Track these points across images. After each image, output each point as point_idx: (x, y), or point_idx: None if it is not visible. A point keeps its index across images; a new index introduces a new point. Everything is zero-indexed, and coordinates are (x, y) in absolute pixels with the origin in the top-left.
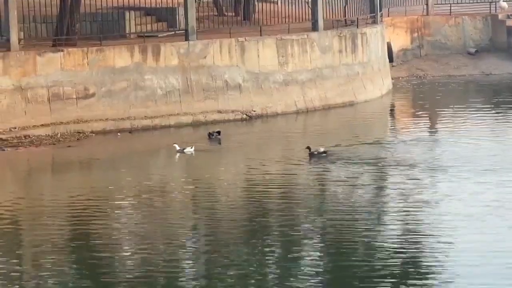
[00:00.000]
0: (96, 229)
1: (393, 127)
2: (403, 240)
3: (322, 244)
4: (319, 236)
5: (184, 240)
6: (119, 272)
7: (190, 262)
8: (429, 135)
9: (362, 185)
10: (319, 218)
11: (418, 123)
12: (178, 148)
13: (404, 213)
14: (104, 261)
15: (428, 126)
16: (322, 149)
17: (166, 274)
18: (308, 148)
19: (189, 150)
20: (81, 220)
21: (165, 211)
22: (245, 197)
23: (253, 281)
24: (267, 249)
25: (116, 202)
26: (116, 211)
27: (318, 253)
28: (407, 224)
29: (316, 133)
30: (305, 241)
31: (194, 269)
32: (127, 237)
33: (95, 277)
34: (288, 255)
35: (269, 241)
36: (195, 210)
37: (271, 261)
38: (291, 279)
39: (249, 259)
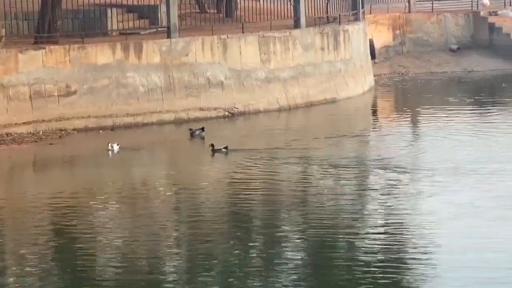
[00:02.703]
0: (76, 226)
1: (369, 124)
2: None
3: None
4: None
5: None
6: (99, 269)
7: (172, 257)
8: (408, 132)
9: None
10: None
11: (399, 120)
12: (111, 147)
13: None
14: (85, 258)
15: (408, 123)
16: (223, 146)
17: (147, 272)
18: (212, 145)
19: (115, 147)
20: (62, 217)
21: (147, 209)
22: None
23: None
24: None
25: (97, 199)
26: (97, 208)
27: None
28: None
29: (295, 130)
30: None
31: (175, 265)
32: (107, 235)
33: (75, 274)
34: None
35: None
36: (176, 207)
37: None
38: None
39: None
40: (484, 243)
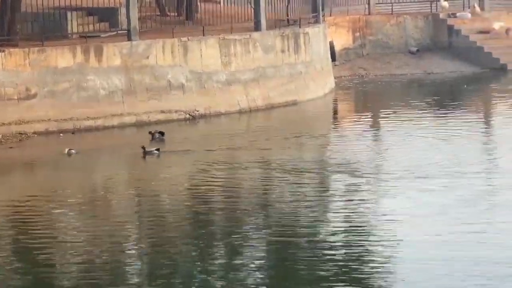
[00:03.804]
0: (36, 230)
1: (329, 126)
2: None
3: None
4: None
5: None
6: (60, 273)
7: (134, 260)
8: (368, 134)
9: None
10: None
11: (359, 122)
12: (67, 150)
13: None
14: (45, 262)
15: (369, 125)
16: (154, 149)
17: (109, 275)
18: (143, 147)
19: (72, 152)
20: (21, 221)
21: (107, 212)
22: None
23: None
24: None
25: (57, 203)
26: (57, 212)
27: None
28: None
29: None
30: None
31: (137, 270)
32: (67, 239)
33: (34, 278)
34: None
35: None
36: (138, 209)
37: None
38: None
39: None
40: (444, 242)
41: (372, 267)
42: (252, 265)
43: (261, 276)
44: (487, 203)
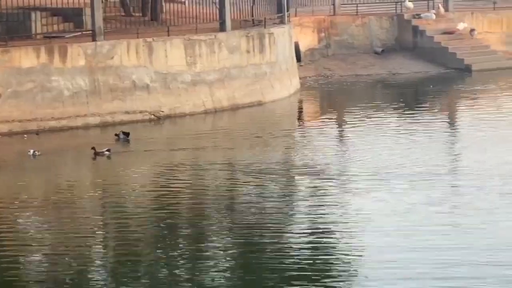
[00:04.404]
0: None
1: (294, 127)
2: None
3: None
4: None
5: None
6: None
7: (99, 265)
8: (333, 135)
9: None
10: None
11: (324, 123)
12: (32, 152)
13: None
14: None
15: (334, 126)
16: (105, 149)
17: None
18: (93, 148)
19: (34, 153)
20: None
21: (72, 215)
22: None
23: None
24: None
25: (20, 206)
26: (20, 215)
27: None
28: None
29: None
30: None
31: (102, 274)
32: (31, 243)
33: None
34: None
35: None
36: (103, 212)
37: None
38: None
39: None
40: (408, 243)
41: (337, 269)
42: (216, 269)
43: (226, 279)
44: (452, 204)
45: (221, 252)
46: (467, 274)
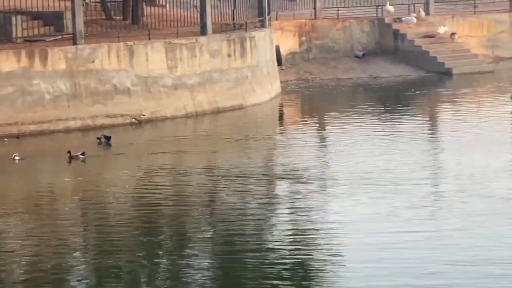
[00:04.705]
0: None
1: (275, 131)
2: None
3: None
4: None
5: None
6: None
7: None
8: (314, 139)
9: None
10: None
11: (305, 127)
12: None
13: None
14: None
15: (315, 130)
16: (80, 153)
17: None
18: (69, 152)
19: (16, 157)
20: None
21: (54, 218)
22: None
23: None
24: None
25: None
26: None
27: None
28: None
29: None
30: None
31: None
32: (13, 246)
33: None
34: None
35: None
36: (85, 215)
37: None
38: None
39: None
40: (389, 247)
41: (318, 273)
42: (197, 274)
43: (207, 284)
44: (433, 208)
45: (201, 258)
46: (449, 275)
